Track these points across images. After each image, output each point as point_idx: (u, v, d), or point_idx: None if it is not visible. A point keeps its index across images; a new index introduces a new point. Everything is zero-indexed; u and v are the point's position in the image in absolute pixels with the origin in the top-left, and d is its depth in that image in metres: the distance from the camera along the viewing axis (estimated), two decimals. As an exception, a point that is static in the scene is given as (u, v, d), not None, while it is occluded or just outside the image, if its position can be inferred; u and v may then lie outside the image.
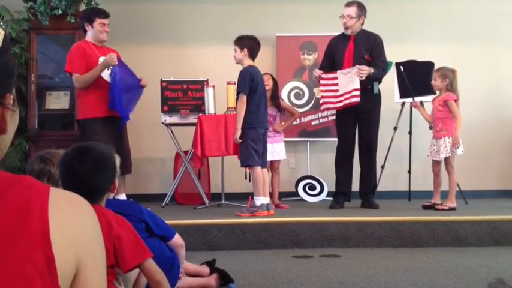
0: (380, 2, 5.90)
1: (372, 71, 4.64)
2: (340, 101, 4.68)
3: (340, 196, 4.84)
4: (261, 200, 4.23)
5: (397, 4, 6.22)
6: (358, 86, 4.56)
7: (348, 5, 4.81)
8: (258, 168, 4.27)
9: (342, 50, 4.82)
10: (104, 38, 4.50)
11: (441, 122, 4.56)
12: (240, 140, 4.27)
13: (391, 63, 5.10)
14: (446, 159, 4.54)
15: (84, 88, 4.38)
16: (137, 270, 1.81)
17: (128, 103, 4.44)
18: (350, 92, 4.60)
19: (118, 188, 4.68)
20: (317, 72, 4.84)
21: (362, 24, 4.85)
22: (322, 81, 4.80)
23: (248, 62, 4.36)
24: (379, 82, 4.83)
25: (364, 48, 4.78)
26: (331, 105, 4.83)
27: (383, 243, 3.79)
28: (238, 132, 4.26)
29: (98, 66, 4.31)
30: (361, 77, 4.57)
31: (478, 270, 3.00)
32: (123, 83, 4.35)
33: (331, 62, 4.87)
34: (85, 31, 4.53)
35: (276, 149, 5.16)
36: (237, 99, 4.37)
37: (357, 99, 4.56)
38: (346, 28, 4.81)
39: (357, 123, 4.81)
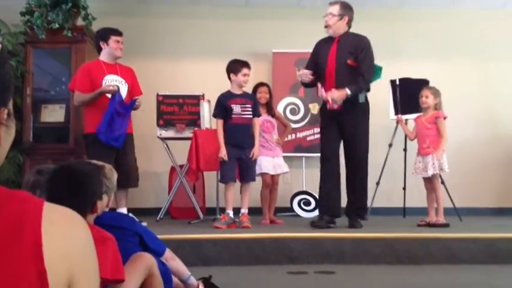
0: (371, 19, 5.95)
1: (349, 93, 4.20)
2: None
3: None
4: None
5: (389, 21, 6.28)
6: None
7: (331, 3, 4.51)
8: None
9: (325, 53, 4.45)
10: (119, 55, 4.61)
11: (429, 140, 4.59)
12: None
13: (380, 68, 4.65)
14: (432, 176, 4.57)
15: (85, 105, 4.53)
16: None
17: (118, 127, 4.46)
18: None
19: (120, 202, 4.74)
20: (306, 71, 4.49)
21: (348, 25, 4.46)
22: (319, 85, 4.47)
23: None
24: (368, 90, 4.44)
25: (348, 51, 4.36)
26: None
27: (378, 260, 3.77)
28: (258, 148, 4.63)
29: (97, 90, 4.41)
30: (335, 106, 4.29)
31: (472, 287, 2.99)
32: (117, 110, 4.42)
33: (315, 65, 4.52)
34: (99, 49, 4.62)
35: (277, 163, 5.13)
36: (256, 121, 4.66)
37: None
38: (326, 27, 4.46)
39: (343, 138, 4.48)
